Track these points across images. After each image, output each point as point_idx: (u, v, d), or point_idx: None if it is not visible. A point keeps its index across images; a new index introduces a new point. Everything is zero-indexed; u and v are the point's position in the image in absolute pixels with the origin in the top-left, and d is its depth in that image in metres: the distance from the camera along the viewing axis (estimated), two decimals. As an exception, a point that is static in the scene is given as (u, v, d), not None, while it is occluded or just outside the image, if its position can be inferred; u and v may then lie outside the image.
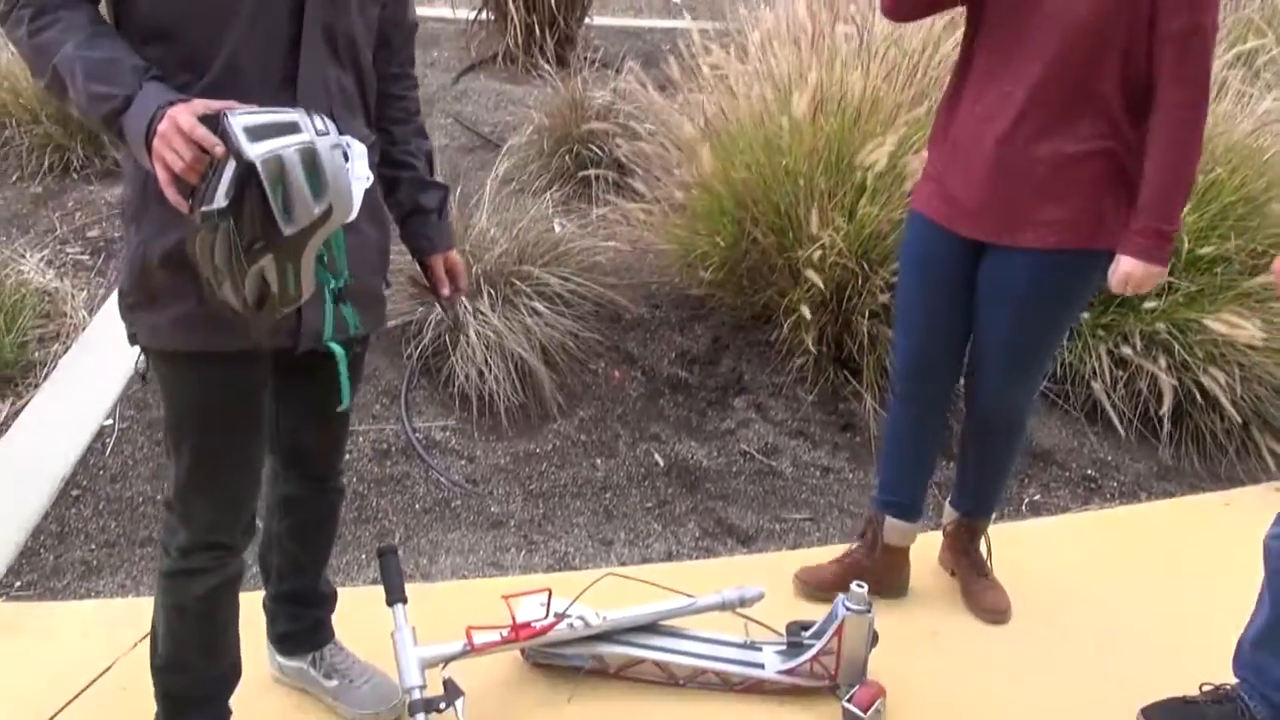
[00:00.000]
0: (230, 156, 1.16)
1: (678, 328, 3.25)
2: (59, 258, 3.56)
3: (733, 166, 3.04)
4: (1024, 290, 1.88)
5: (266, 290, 1.24)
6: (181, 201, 1.20)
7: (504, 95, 4.91)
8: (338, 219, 1.23)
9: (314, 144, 1.18)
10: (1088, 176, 1.80)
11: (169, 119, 1.18)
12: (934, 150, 1.99)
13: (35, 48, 1.26)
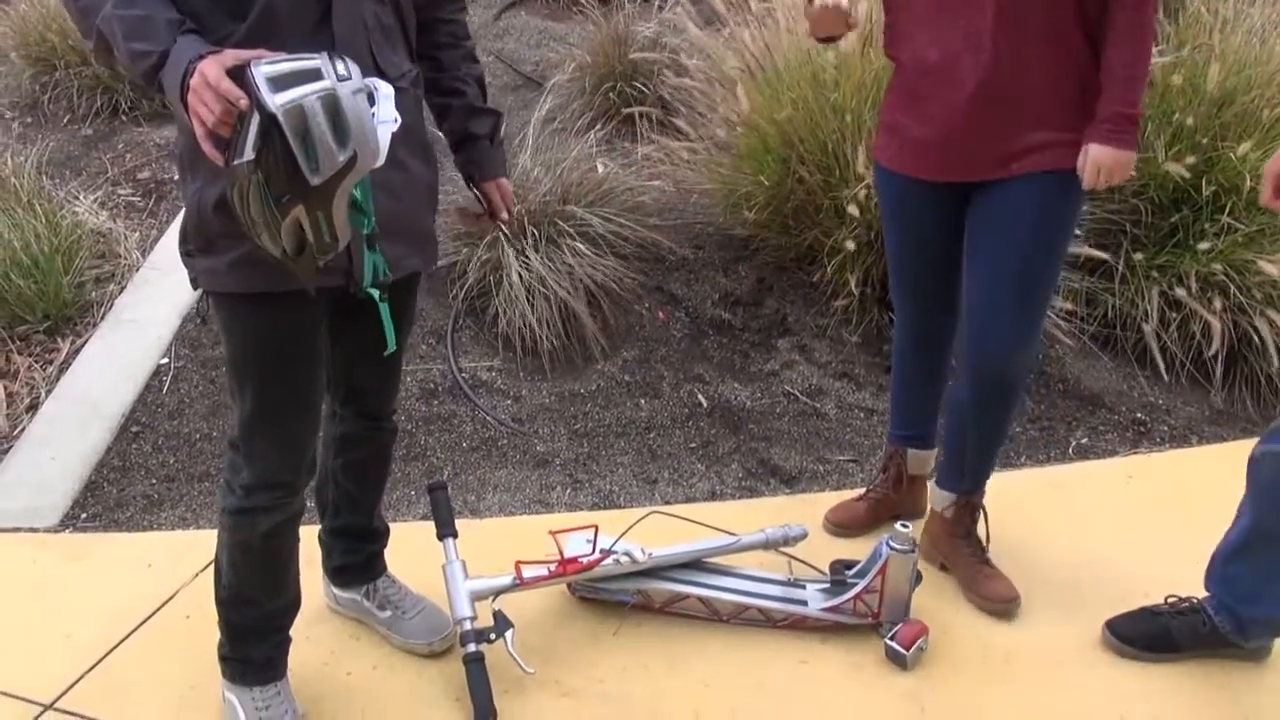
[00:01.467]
0: (254, 108, 1.16)
1: (721, 269, 3.23)
2: (111, 199, 3.62)
3: (778, 104, 2.98)
4: (1026, 216, 1.82)
5: (303, 238, 1.25)
6: (217, 155, 1.22)
7: (546, 32, 4.85)
8: (364, 165, 1.23)
9: (335, 90, 1.18)
10: (1068, 94, 1.77)
11: (199, 73, 1.19)
12: (894, 99, 1.94)
13: (81, 10, 1.27)
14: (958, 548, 2.10)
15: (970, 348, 1.93)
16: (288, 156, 1.18)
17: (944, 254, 1.99)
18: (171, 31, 1.25)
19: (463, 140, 1.67)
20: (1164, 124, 2.93)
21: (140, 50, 1.25)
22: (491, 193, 1.70)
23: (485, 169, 1.69)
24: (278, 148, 1.17)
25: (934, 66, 1.82)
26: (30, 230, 3.03)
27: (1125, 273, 2.93)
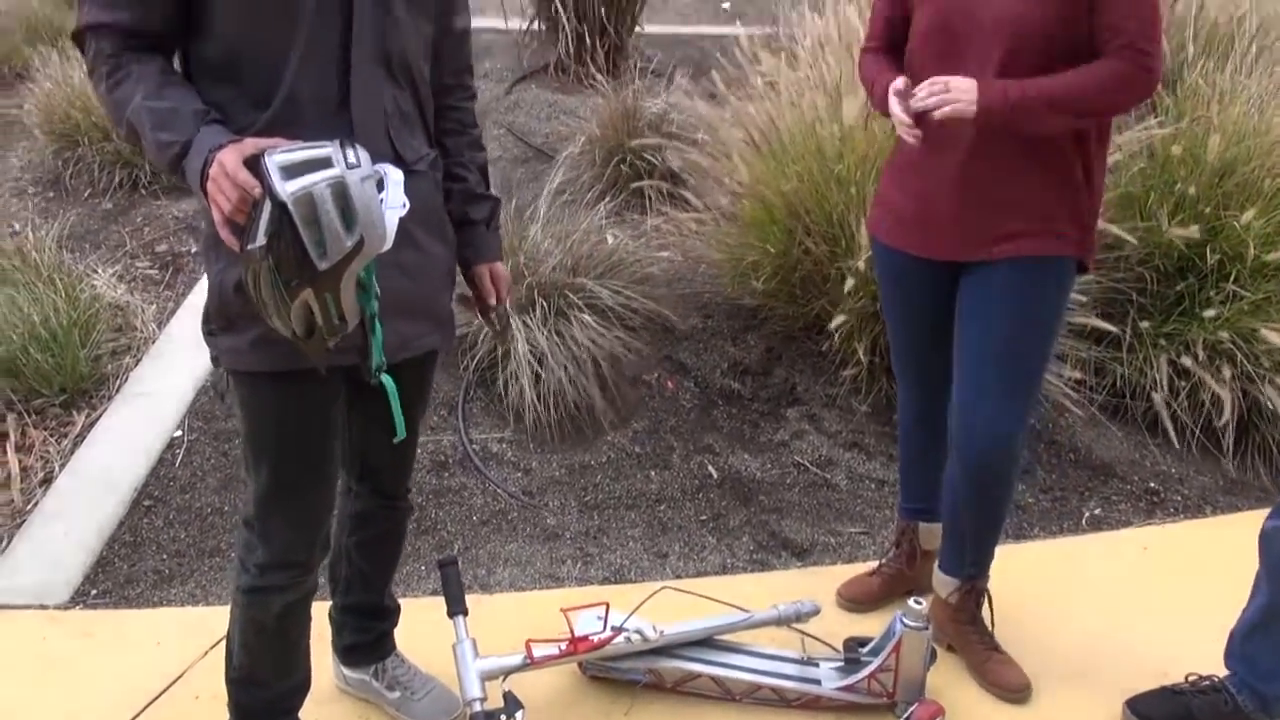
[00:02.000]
0: (267, 196, 1.21)
1: (730, 338, 3.26)
2: (129, 272, 3.68)
3: (783, 175, 3.04)
4: (1008, 301, 1.83)
5: (313, 320, 1.29)
6: (233, 240, 1.26)
7: (556, 105, 4.95)
8: (371, 249, 1.26)
9: (344, 178, 1.22)
10: (1052, 185, 1.78)
11: (217, 163, 1.23)
12: (889, 176, 1.98)
13: (113, 102, 1.32)
14: (964, 634, 2.08)
15: (958, 433, 1.93)
16: (297, 242, 1.22)
17: (940, 329, 2.00)
18: (196, 122, 1.30)
19: (460, 224, 1.68)
20: (1166, 193, 2.96)
21: (165, 140, 1.30)
22: (483, 277, 1.70)
23: (479, 253, 1.70)
24: (288, 234, 1.21)
25: (922, 149, 1.86)
26: (49, 304, 3.08)
27: (1133, 341, 2.94)
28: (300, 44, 1.36)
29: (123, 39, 1.34)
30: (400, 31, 1.44)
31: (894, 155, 2.00)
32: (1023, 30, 1.69)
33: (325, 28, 1.37)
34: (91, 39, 1.35)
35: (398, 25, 1.43)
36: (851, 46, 3.41)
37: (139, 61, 1.34)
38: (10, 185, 4.37)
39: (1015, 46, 1.71)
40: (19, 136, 4.76)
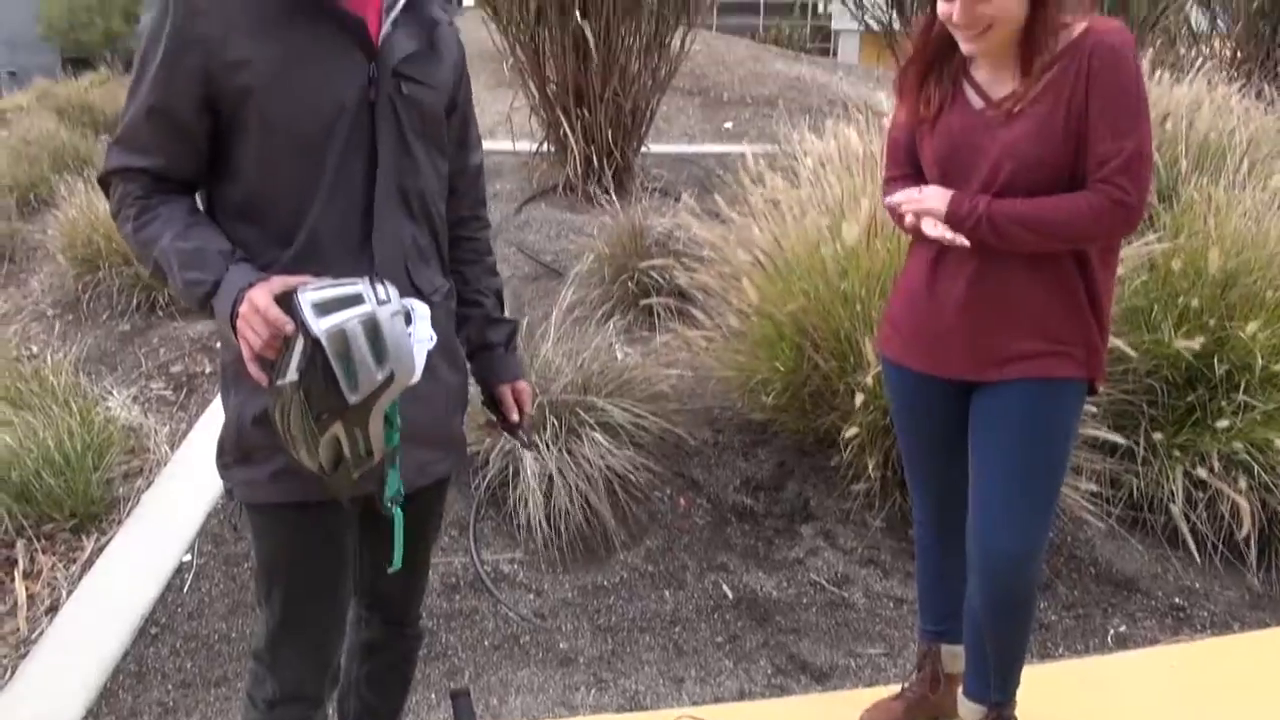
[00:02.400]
0: (300, 333, 1.24)
1: (741, 453, 3.26)
2: (144, 394, 3.72)
3: (789, 293, 3.08)
4: (1019, 423, 1.84)
5: (340, 453, 1.30)
6: (262, 376, 1.28)
7: (565, 224, 5.08)
8: (400, 383, 1.28)
9: (375, 314, 1.24)
10: (1058, 307, 1.81)
11: (248, 300, 1.26)
12: (899, 295, 2.01)
13: (140, 242, 1.36)
14: None
15: (976, 556, 1.91)
16: (329, 377, 1.23)
17: (953, 445, 2.00)
18: (224, 261, 1.33)
19: (479, 349, 1.70)
20: (1170, 306, 3.00)
21: (194, 279, 1.33)
22: (505, 395, 1.71)
23: (500, 374, 1.71)
24: (320, 369, 1.23)
25: (930, 268, 1.89)
26: (64, 428, 3.10)
27: (1146, 453, 2.93)
28: (324, 185, 1.40)
29: (150, 182, 1.39)
30: (419, 170, 1.49)
31: (902, 275, 2.04)
32: (1026, 160, 1.74)
33: (349, 170, 1.42)
34: (119, 182, 1.40)
35: (416, 164, 1.48)
36: (851, 166, 3.52)
37: (165, 203, 1.39)
38: (31, 308, 4.47)
39: (1018, 175, 1.76)
40: (42, 261, 4.89)
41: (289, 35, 1.37)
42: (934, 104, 1.85)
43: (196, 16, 1.33)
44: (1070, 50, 1.71)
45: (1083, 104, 1.69)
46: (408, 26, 1.46)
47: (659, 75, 5.60)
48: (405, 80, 1.45)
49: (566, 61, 5.31)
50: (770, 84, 8.67)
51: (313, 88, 1.38)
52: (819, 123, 5.00)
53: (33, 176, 5.75)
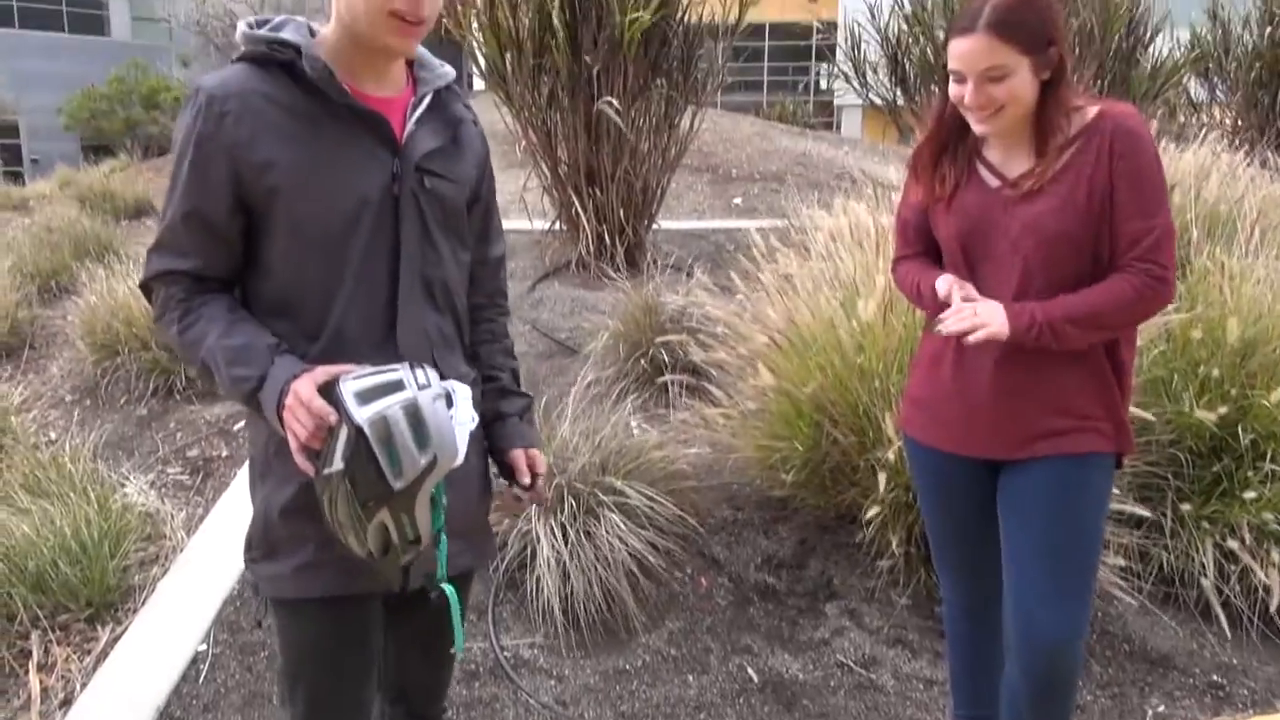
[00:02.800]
0: (343, 422, 1.25)
1: (762, 530, 3.22)
2: (161, 479, 3.72)
3: (806, 369, 3.08)
4: (1051, 502, 1.82)
5: (388, 538, 1.31)
6: (309, 466, 1.30)
7: (579, 301, 5.11)
8: (444, 466, 1.29)
9: (416, 399, 1.27)
10: (1088, 383, 1.81)
11: (293, 393, 1.29)
12: (921, 374, 2.01)
13: (186, 344, 1.39)
14: None
15: (1017, 642, 1.87)
16: (373, 463, 1.25)
17: (982, 526, 1.98)
18: (270, 355, 1.36)
19: (494, 420, 1.66)
20: (1189, 375, 2.98)
21: (241, 375, 1.35)
22: (518, 459, 1.64)
23: (514, 440, 1.66)
24: (364, 456, 1.25)
25: (955, 346, 1.89)
26: (81, 515, 3.09)
27: (1175, 526, 2.88)
28: (350, 278, 1.43)
29: (191, 283, 1.42)
30: (442, 261, 1.51)
31: (920, 353, 2.04)
32: (1048, 236, 1.75)
33: (374, 262, 1.44)
34: (160, 286, 1.43)
35: (439, 255, 1.51)
36: (863, 242, 3.55)
37: (207, 303, 1.42)
38: (49, 395, 4.49)
39: (1039, 250, 1.77)
40: (62, 347, 4.93)
41: (315, 135, 1.40)
42: (949, 183, 1.87)
43: (224, 119, 1.37)
44: (1087, 131, 1.74)
45: (1105, 184, 1.71)
46: (432, 124, 1.50)
47: (669, 155, 5.70)
48: (428, 174, 1.48)
49: (578, 143, 5.42)
50: (777, 160, 8.82)
51: (337, 185, 1.41)
52: (827, 198, 5.07)
53: (54, 263, 5.85)
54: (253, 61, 1.41)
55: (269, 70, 1.40)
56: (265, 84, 1.39)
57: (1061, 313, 1.73)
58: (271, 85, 1.39)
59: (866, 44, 6.77)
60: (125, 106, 21.04)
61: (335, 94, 1.40)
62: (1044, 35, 1.72)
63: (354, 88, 1.43)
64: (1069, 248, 1.76)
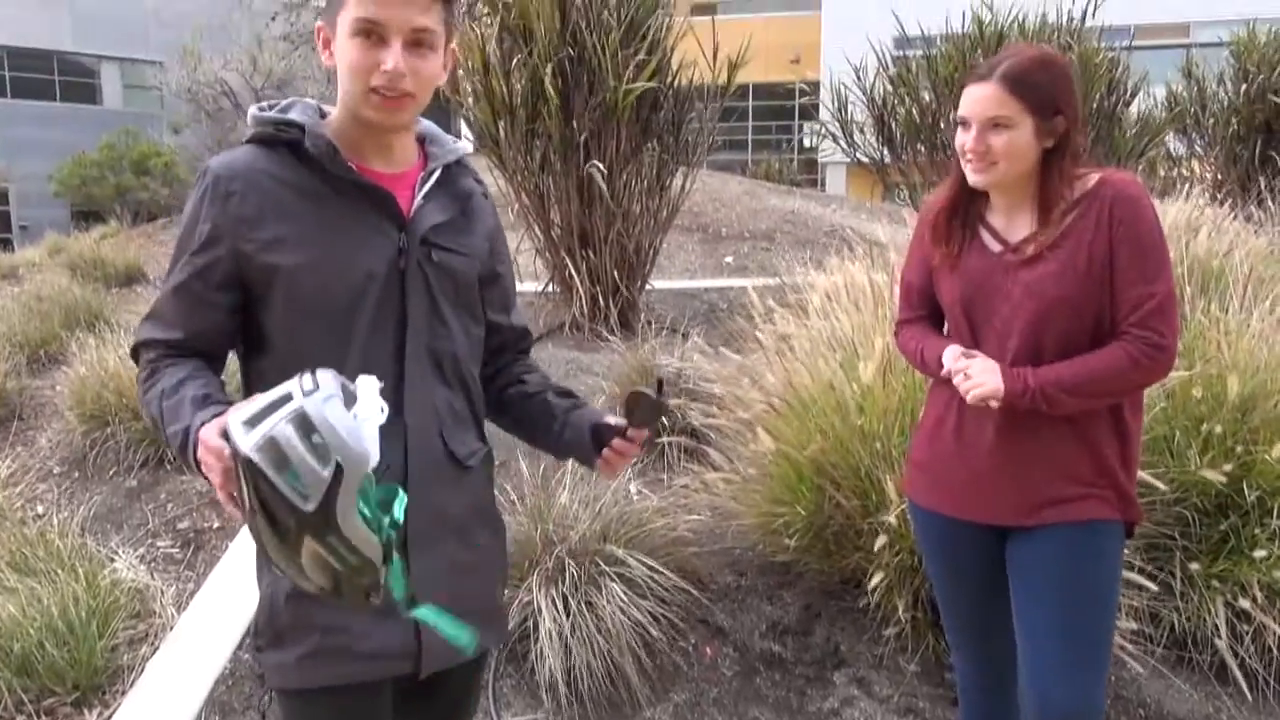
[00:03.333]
0: (234, 458, 1.14)
1: (766, 596, 3.16)
2: (150, 553, 3.64)
3: (805, 431, 3.06)
4: (1061, 573, 1.80)
5: (331, 570, 1.17)
6: (238, 512, 1.20)
7: (573, 363, 5.09)
8: (355, 471, 1.14)
9: (303, 408, 1.13)
10: (1093, 445, 1.80)
11: (200, 440, 1.23)
12: (923, 437, 2.00)
13: (144, 404, 1.38)
14: None
15: (1032, 716, 1.82)
16: (276, 492, 1.12)
17: (992, 593, 1.95)
18: (194, 409, 1.30)
19: (571, 409, 1.57)
20: (1191, 433, 2.97)
21: (174, 432, 1.32)
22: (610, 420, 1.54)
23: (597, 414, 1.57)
24: (266, 486, 1.12)
25: (957, 409, 1.88)
26: (69, 593, 3.01)
27: (1184, 587, 2.85)
28: (354, 354, 1.41)
29: (165, 349, 1.41)
30: (451, 335, 1.50)
31: (924, 416, 2.03)
32: (1047, 300, 1.76)
33: (380, 336, 1.43)
34: (142, 351, 1.44)
35: (449, 329, 1.49)
36: (859, 301, 3.56)
37: (171, 365, 1.40)
38: (38, 467, 4.42)
39: (1038, 314, 1.77)
40: (50, 418, 4.87)
41: (320, 212, 1.40)
42: (954, 246, 1.88)
43: (230, 199, 1.37)
44: (1088, 198, 1.76)
45: (1105, 250, 1.72)
46: (440, 199, 1.49)
47: (660, 216, 5.73)
48: (436, 248, 1.47)
49: (570, 206, 5.45)
50: (766, 218, 8.90)
51: (342, 262, 1.40)
52: (819, 255, 5.10)
53: (44, 333, 5.79)
54: (260, 142, 1.42)
55: (276, 150, 1.40)
56: (272, 164, 1.39)
57: (1054, 378, 1.73)
58: (278, 165, 1.40)
59: (853, 105, 6.88)
60: (116, 172, 21.16)
61: (339, 169, 1.40)
62: (1053, 102, 1.75)
63: (360, 165, 1.43)
64: (1068, 312, 1.77)
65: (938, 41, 6.70)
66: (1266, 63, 8.16)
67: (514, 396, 1.63)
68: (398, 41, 1.35)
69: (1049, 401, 1.73)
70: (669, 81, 5.50)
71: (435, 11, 1.39)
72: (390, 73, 1.35)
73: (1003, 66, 1.77)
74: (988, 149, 1.77)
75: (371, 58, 1.35)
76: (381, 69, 1.35)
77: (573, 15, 5.15)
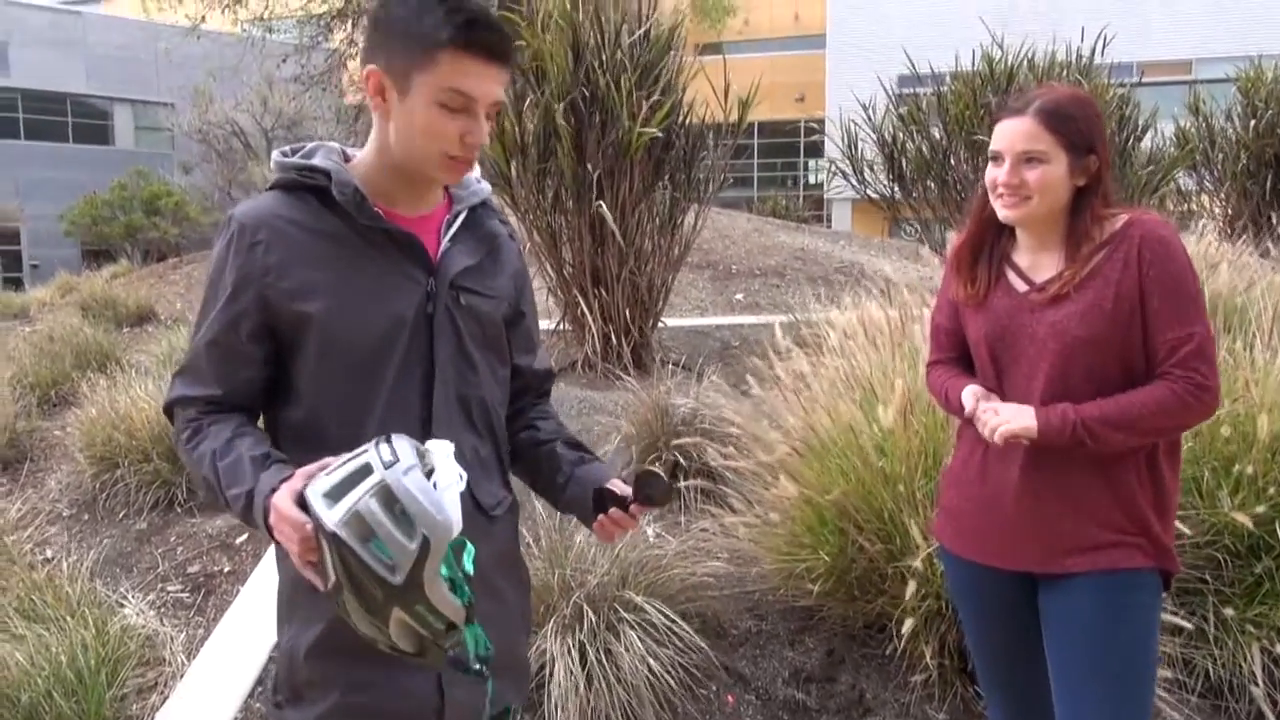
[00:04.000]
0: (318, 532, 1.16)
1: (788, 641, 3.09)
2: (161, 598, 3.59)
3: (826, 470, 3.01)
4: (1095, 625, 1.74)
5: (418, 635, 1.19)
6: (317, 580, 1.20)
7: (586, 401, 5.06)
8: (440, 542, 1.16)
9: (385, 481, 1.14)
10: (1124, 490, 1.75)
11: (273, 508, 1.22)
12: (950, 482, 1.96)
13: (193, 464, 1.35)
14: None
15: None
16: (363, 565, 1.14)
17: (1025, 642, 1.89)
18: (256, 469, 1.29)
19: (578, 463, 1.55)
20: (1222, 473, 2.91)
21: (234, 495, 1.30)
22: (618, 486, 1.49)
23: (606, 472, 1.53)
24: (353, 560, 1.14)
25: (983, 453, 1.84)
26: (78, 640, 2.96)
27: (1219, 632, 2.77)
28: (382, 402, 1.38)
29: (206, 406, 1.38)
30: (479, 379, 1.47)
31: (953, 459, 1.98)
32: (1073, 340, 1.72)
33: (407, 383, 1.40)
34: (178, 410, 1.41)
35: (477, 373, 1.46)
36: (877, 339, 3.52)
37: (216, 422, 1.38)
38: (47, 510, 4.38)
39: (1065, 357, 1.74)
40: (60, 459, 4.84)
41: (347, 259, 1.38)
42: (980, 285, 1.85)
43: (255, 248, 1.35)
44: (1115, 239, 1.73)
45: (1133, 291, 1.70)
46: (466, 241, 1.47)
47: (672, 254, 5.73)
48: (464, 291, 1.45)
49: (583, 244, 5.45)
50: (776, 255, 8.91)
51: (370, 308, 1.38)
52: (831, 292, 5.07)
53: (55, 373, 5.79)
54: (285, 188, 1.39)
55: (301, 196, 1.38)
56: (297, 210, 1.37)
57: (1099, 412, 1.69)
58: (303, 212, 1.37)
59: (863, 142, 6.90)
60: (126, 212, 21.34)
61: (366, 217, 1.38)
62: (1088, 139, 1.73)
63: (387, 209, 1.41)
64: (1094, 353, 1.73)
65: (946, 79, 6.73)
66: (1275, 98, 8.18)
67: (525, 441, 1.61)
68: (483, 114, 1.35)
69: (1092, 435, 1.68)
70: (681, 120, 5.52)
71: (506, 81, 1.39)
72: (473, 145, 1.35)
73: (1038, 101, 1.76)
74: (1021, 183, 1.75)
75: (458, 126, 1.34)
76: (467, 140, 1.35)
77: (586, 56, 5.18)
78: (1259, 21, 21.05)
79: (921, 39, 7.44)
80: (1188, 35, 22.05)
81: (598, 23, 5.25)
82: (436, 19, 1.30)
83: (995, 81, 6.41)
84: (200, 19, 13.44)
